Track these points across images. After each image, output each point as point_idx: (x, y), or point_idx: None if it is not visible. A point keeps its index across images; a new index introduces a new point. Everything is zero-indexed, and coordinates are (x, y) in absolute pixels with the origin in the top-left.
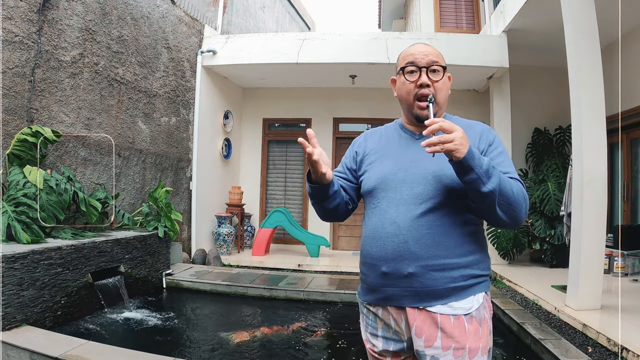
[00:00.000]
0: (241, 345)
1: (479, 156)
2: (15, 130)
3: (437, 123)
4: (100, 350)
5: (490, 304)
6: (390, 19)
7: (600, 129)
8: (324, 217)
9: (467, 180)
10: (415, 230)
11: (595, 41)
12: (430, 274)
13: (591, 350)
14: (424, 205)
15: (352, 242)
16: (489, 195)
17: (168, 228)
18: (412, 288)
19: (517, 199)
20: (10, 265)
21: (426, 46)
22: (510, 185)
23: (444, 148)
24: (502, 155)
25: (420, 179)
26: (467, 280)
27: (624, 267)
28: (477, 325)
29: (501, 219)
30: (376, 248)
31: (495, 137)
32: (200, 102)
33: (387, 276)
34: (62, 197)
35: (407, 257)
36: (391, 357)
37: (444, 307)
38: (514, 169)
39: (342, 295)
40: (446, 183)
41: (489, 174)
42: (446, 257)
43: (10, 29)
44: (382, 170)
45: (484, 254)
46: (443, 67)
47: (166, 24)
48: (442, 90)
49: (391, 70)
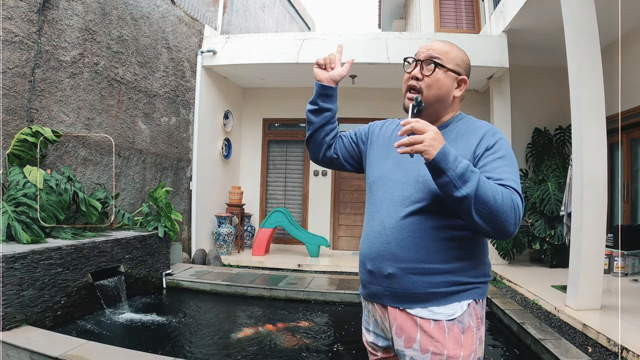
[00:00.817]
0: (241, 345)
1: (454, 159)
2: (15, 130)
3: (409, 123)
4: (100, 350)
5: (478, 312)
6: (390, 19)
7: (600, 129)
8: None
9: (440, 184)
10: (398, 232)
11: (595, 41)
12: (409, 276)
13: (591, 350)
14: (410, 207)
15: (352, 242)
16: (463, 201)
17: (168, 228)
18: (392, 289)
19: (502, 207)
20: (10, 265)
21: (437, 42)
22: (494, 193)
23: (414, 149)
24: (500, 160)
25: (412, 181)
26: (451, 287)
27: (624, 267)
28: (458, 332)
29: (481, 227)
30: (364, 245)
31: (498, 141)
32: (200, 102)
33: (371, 274)
34: (62, 197)
35: (388, 257)
36: (382, 352)
37: (423, 311)
38: (512, 176)
39: (342, 295)
40: (433, 187)
41: (463, 178)
42: (426, 262)
43: (10, 29)
44: (383, 168)
45: (474, 261)
46: (435, 63)
47: (166, 24)
48: (430, 87)
49: (391, 70)
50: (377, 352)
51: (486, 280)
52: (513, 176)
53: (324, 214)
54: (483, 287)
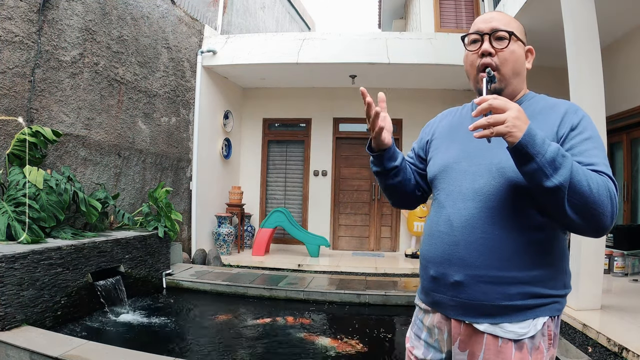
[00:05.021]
0: (241, 345)
1: (542, 141)
2: (15, 130)
3: (486, 101)
4: (100, 350)
5: (551, 332)
6: (390, 19)
7: (600, 129)
8: (389, 196)
9: (527, 172)
10: (469, 232)
11: (595, 41)
12: (479, 285)
13: (591, 350)
14: (483, 202)
15: (352, 242)
16: (555, 192)
17: (168, 228)
18: (459, 299)
19: (598, 198)
20: (10, 265)
21: (494, 13)
22: (588, 180)
23: (494, 131)
24: (588, 142)
25: (484, 170)
26: (527, 300)
27: (624, 267)
28: (526, 355)
29: (575, 223)
30: (428, 247)
31: (583, 119)
32: (200, 102)
33: (435, 281)
34: (62, 197)
35: (455, 262)
36: None
37: (492, 327)
38: (603, 160)
39: (342, 295)
40: (511, 177)
41: (555, 165)
42: (501, 269)
43: (10, 29)
44: (446, 157)
45: (556, 268)
46: (509, 33)
47: (166, 24)
48: (508, 61)
49: (391, 70)
50: None
51: (566, 293)
52: (605, 160)
53: (324, 214)
54: (562, 302)
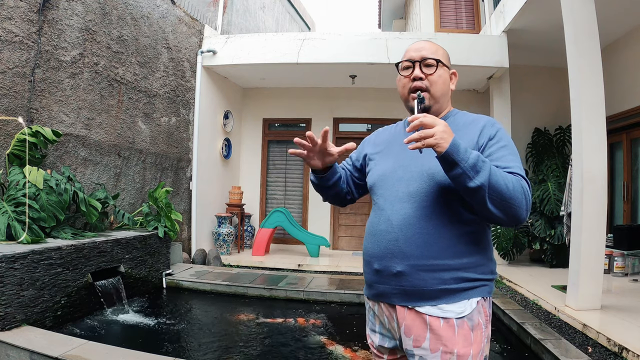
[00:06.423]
0: (241, 345)
1: (465, 150)
2: (15, 130)
3: (418, 119)
4: (100, 350)
5: (486, 310)
6: (390, 19)
7: (600, 129)
8: (322, 195)
9: (453, 176)
10: (406, 228)
11: (595, 41)
12: (419, 273)
13: (591, 350)
14: (418, 203)
15: (352, 242)
16: (478, 191)
17: (168, 228)
18: (401, 287)
19: (514, 194)
20: (10, 265)
21: (423, 42)
22: (505, 180)
23: (425, 143)
24: (504, 149)
25: (417, 176)
26: (460, 284)
27: (624, 267)
28: (468, 330)
29: (496, 216)
30: (370, 244)
31: (499, 131)
32: (200, 102)
33: (378, 273)
34: (62, 197)
35: (397, 255)
36: (388, 354)
37: (433, 309)
38: (517, 164)
39: (342, 295)
40: (440, 180)
41: (476, 168)
42: (436, 258)
43: (10, 29)
44: (383, 168)
45: (483, 257)
46: (437, 61)
47: (166, 24)
48: (436, 83)
49: (391, 70)
50: (384, 354)
51: (493, 278)
52: (518, 164)
53: (324, 214)
54: (490, 285)
